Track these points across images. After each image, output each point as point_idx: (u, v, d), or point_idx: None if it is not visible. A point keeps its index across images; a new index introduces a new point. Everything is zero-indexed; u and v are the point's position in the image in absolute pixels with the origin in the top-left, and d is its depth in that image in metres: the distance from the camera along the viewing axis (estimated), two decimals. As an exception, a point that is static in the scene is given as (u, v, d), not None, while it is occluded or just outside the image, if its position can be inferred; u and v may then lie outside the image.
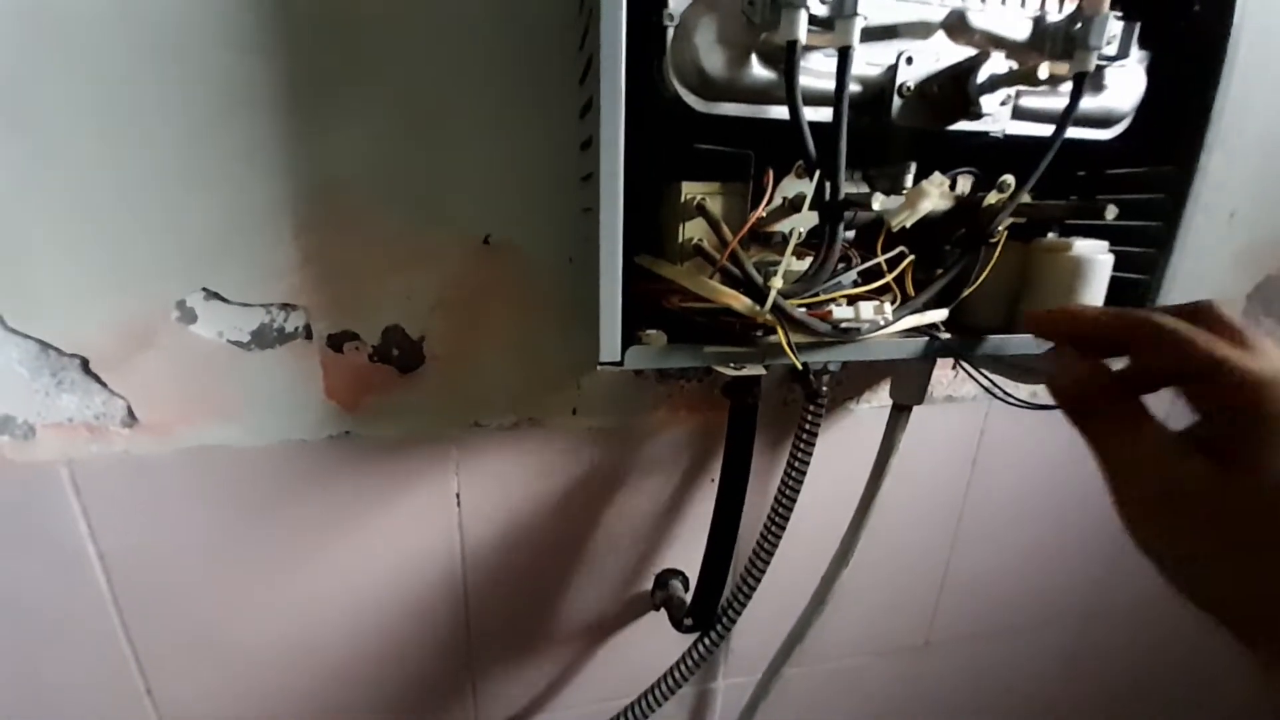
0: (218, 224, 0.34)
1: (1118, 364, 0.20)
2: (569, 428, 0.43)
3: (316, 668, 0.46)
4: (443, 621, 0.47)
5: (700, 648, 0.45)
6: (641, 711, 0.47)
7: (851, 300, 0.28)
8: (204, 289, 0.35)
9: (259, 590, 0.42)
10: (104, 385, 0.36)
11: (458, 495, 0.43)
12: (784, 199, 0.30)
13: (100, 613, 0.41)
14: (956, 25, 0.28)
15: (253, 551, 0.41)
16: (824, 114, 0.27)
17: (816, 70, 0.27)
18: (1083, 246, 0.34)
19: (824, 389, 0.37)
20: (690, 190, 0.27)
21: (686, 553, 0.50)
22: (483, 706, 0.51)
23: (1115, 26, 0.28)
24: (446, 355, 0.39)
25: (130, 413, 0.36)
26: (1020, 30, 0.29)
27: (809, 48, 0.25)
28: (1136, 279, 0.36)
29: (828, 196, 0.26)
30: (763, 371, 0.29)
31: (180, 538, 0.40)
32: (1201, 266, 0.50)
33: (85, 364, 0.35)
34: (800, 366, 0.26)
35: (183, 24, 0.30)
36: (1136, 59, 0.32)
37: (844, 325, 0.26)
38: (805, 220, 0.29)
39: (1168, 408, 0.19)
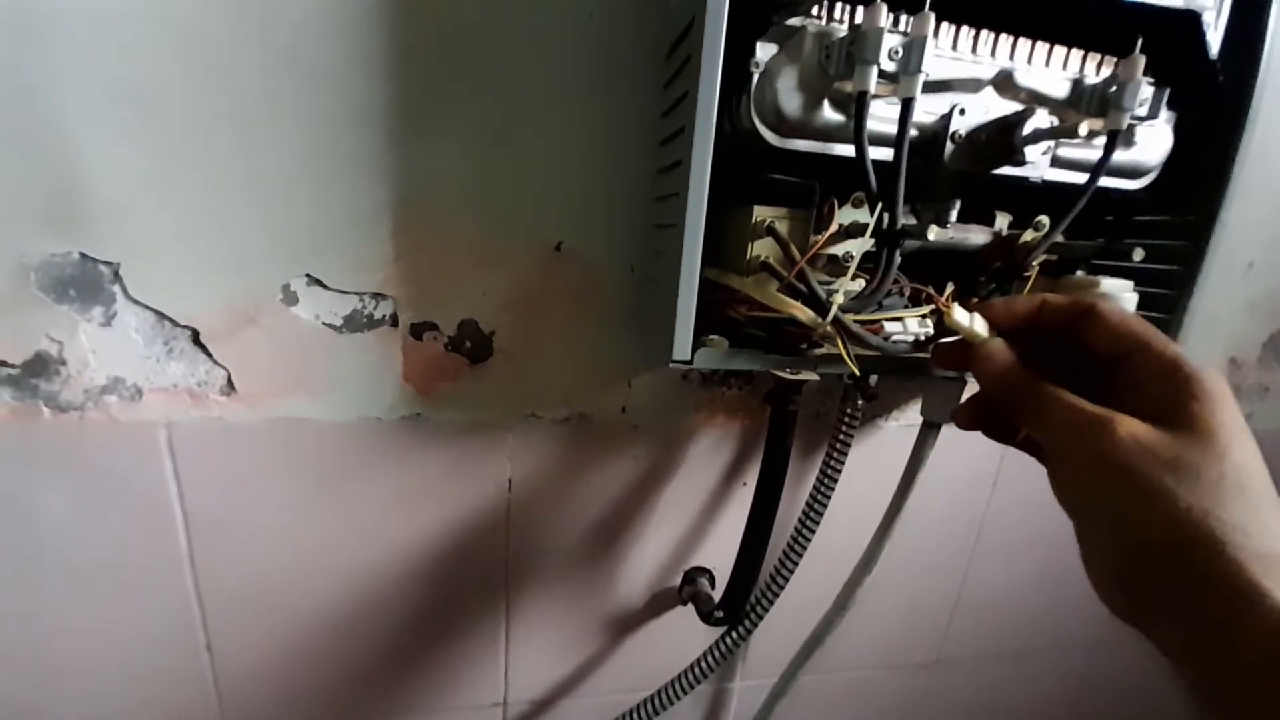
0: (326, 219, 0.38)
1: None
2: (616, 425, 0.46)
3: (362, 634, 0.49)
4: (484, 601, 0.50)
5: (726, 642, 0.47)
6: (665, 702, 0.49)
7: (897, 318, 0.31)
8: (307, 275, 0.39)
9: (322, 556, 0.46)
10: (209, 356, 0.39)
11: (509, 480, 0.46)
12: (839, 225, 0.33)
13: (175, 569, 0.44)
14: (1004, 82, 0.32)
15: (321, 519, 0.45)
16: (883, 153, 0.30)
17: (879, 116, 0.30)
18: (1109, 285, 0.37)
19: (876, 392, 0.40)
20: (761, 213, 0.31)
21: (715, 552, 0.52)
22: (513, 685, 0.53)
23: (1147, 90, 0.32)
24: (512, 350, 0.43)
25: (230, 382, 0.40)
26: (1060, 89, 0.33)
27: (875, 96, 0.29)
28: (1158, 318, 0.39)
29: (885, 226, 0.30)
30: (816, 378, 0.32)
31: (258, 502, 0.43)
32: (1218, 312, 0.53)
33: (196, 335, 0.39)
34: (858, 372, 0.29)
35: (312, 46, 0.34)
36: (1164, 119, 0.35)
37: (895, 339, 0.30)
38: (857, 246, 0.32)
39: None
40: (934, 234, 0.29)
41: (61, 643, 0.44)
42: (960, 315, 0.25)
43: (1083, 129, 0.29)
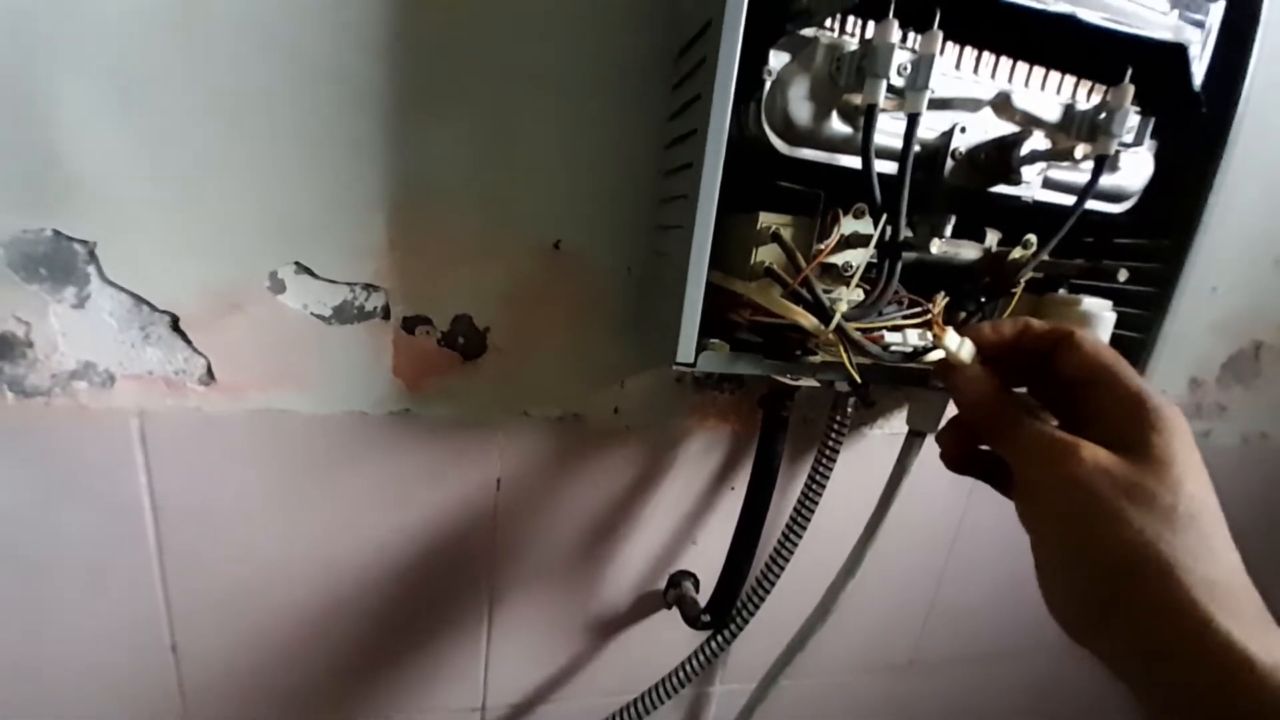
0: (319, 206, 0.37)
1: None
2: (608, 425, 0.46)
3: (337, 635, 0.47)
4: (466, 602, 0.49)
5: (712, 645, 0.47)
6: (647, 707, 0.49)
7: (897, 328, 0.32)
8: (296, 263, 0.38)
9: (297, 554, 0.44)
10: (189, 343, 0.38)
11: (498, 480, 0.46)
12: (840, 235, 0.34)
13: (143, 565, 0.42)
14: (1002, 104, 0.33)
15: (300, 516, 0.43)
16: (886, 166, 0.31)
17: (883, 130, 0.31)
18: (1090, 303, 0.38)
19: (875, 399, 0.41)
20: (767, 220, 0.31)
21: (700, 555, 0.53)
22: (492, 688, 0.52)
23: (1134, 119, 0.33)
24: (506, 347, 0.42)
25: (209, 371, 0.39)
26: (1053, 113, 0.34)
27: (881, 110, 0.30)
28: (1132, 337, 0.41)
29: (888, 238, 0.30)
30: (817, 384, 0.33)
31: (233, 497, 0.42)
32: (1185, 333, 0.55)
33: (175, 321, 0.37)
34: (859, 380, 0.29)
35: (314, 32, 0.34)
36: (1147, 146, 0.36)
37: (894, 348, 0.30)
38: (858, 256, 0.33)
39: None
40: (935, 247, 0.30)
41: (18, 638, 0.42)
42: (951, 339, 0.26)
43: (1078, 153, 0.30)
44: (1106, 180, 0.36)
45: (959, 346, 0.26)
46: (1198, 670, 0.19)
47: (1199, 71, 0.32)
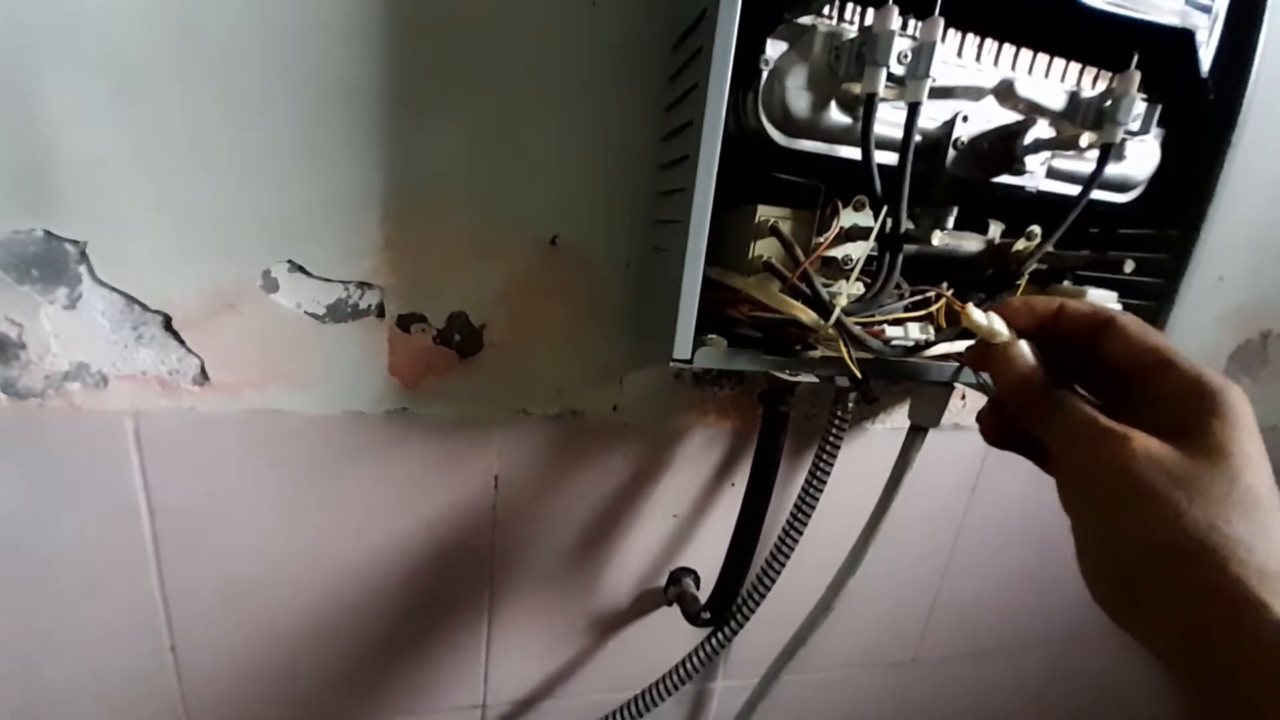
0: (313, 203, 0.36)
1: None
2: (607, 423, 0.46)
3: (337, 633, 0.47)
4: (466, 600, 0.48)
5: (713, 642, 0.47)
6: (649, 703, 0.49)
7: (898, 322, 0.31)
8: (289, 261, 0.37)
9: (297, 555, 0.44)
10: (182, 343, 0.38)
11: (496, 478, 0.45)
12: (840, 228, 0.33)
13: (140, 567, 0.42)
14: (1004, 92, 0.32)
15: (297, 515, 0.43)
16: (886, 158, 0.30)
17: (884, 120, 0.30)
18: (1095, 295, 0.38)
19: (878, 395, 0.40)
20: (765, 213, 0.31)
21: (700, 552, 0.52)
22: (493, 685, 0.52)
23: (1140, 106, 0.32)
24: (503, 344, 0.42)
25: (203, 371, 0.38)
26: (1058, 101, 0.33)
27: (881, 99, 0.29)
28: (1139, 329, 0.40)
29: (888, 230, 0.30)
30: (816, 380, 0.32)
31: (231, 497, 0.41)
32: (1191, 324, 0.55)
33: (168, 321, 0.37)
34: (859, 375, 0.29)
35: (309, 25, 0.33)
36: (1153, 135, 0.36)
37: (895, 343, 0.30)
38: (858, 249, 0.32)
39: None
40: (937, 239, 0.29)
41: (16, 641, 0.42)
42: (978, 316, 0.24)
43: (1084, 141, 0.29)
44: (1112, 169, 0.36)
45: (989, 322, 0.24)
46: (1251, 658, 0.18)
47: (1206, 57, 0.32)
